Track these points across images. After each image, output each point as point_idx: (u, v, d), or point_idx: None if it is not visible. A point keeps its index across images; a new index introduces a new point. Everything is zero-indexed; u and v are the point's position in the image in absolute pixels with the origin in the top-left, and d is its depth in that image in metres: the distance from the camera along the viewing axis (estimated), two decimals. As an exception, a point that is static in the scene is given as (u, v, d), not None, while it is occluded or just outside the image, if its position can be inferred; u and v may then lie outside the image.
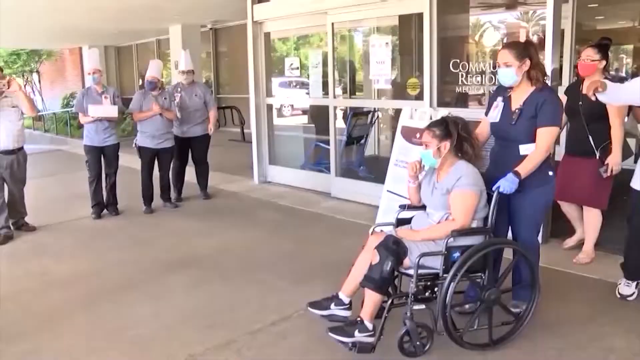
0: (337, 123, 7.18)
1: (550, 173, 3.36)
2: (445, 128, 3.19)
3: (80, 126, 6.55)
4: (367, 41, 8.23)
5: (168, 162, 6.77)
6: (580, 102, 4.22)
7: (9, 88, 5.44)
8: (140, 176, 6.67)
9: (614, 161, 4.18)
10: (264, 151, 8.10)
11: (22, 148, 5.80)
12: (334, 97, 7.11)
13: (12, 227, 5.84)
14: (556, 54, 4.88)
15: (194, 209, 6.80)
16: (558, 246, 4.87)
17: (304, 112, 10.01)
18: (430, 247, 3.09)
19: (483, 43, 5.81)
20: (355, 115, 7.81)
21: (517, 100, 3.32)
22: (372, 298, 3.05)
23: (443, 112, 4.97)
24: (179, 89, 6.94)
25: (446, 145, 3.18)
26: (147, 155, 6.59)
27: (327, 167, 7.27)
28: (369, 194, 6.39)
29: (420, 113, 5.63)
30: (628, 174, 3.85)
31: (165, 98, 6.59)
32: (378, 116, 8.31)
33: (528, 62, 3.24)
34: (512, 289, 3.52)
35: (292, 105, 9.87)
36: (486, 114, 3.55)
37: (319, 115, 8.15)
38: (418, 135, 4.77)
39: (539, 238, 3.63)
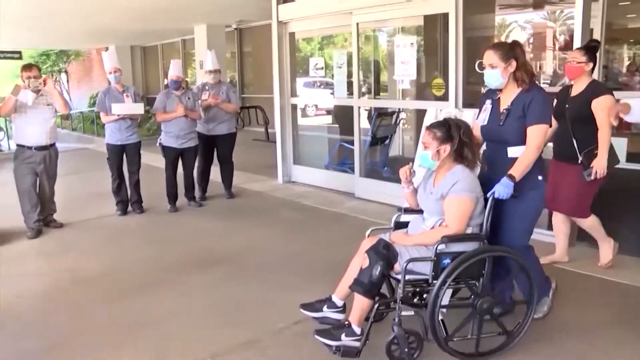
0: (362, 123, 7.18)
1: (540, 177, 3.26)
2: (448, 131, 3.10)
3: (104, 125, 6.65)
4: (391, 41, 8.22)
5: (192, 161, 6.83)
6: (567, 105, 4.15)
7: (44, 86, 5.62)
8: (165, 175, 6.75)
9: (599, 165, 4.02)
10: (288, 151, 8.13)
11: (54, 144, 5.97)
12: (359, 97, 7.11)
13: (41, 223, 5.97)
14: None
15: (218, 208, 6.85)
16: (583, 250, 4.81)
17: (328, 112, 10.02)
18: (421, 253, 3.03)
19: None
20: (379, 115, 7.80)
21: (505, 101, 3.27)
22: (360, 302, 3.02)
23: (467, 114, 4.93)
24: (206, 88, 7.01)
25: (446, 148, 3.10)
26: (172, 155, 6.66)
27: (351, 168, 7.27)
28: (392, 194, 6.37)
29: (445, 114, 5.60)
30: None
31: (188, 98, 6.65)
32: (402, 117, 8.29)
33: (514, 63, 3.18)
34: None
35: (316, 105, 9.89)
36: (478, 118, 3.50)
37: (343, 116, 8.16)
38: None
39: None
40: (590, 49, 4.17)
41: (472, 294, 3.09)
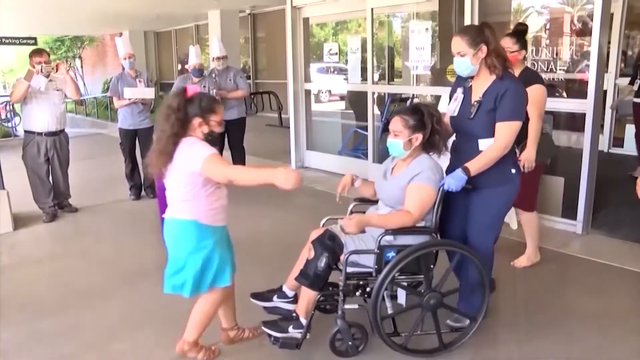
0: (375, 109, 7.15)
1: (513, 171, 3.08)
2: (420, 119, 2.96)
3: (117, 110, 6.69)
4: (406, 27, 8.16)
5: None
6: None
7: (56, 72, 5.63)
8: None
9: (526, 157, 3.85)
10: (301, 136, 8.14)
11: (63, 130, 6.00)
12: (373, 83, 7.08)
13: (56, 207, 6.02)
14: (604, 39, 4.76)
15: (230, 193, 6.85)
16: (599, 238, 4.78)
17: (342, 98, 9.99)
18: (368, 245, 2.97)
19: (526, 29, 5.69)
20: (393, 101, 7.76)
21: (478, 91, 3.05)
22: (306, 294, 2.99)
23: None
24: (213, 75, 7.00)
25: (418, 137, 2.96)
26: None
27: (365, 153, 7.25)
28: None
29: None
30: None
31: (204, 86, 6.66)
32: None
33: (484, 48, 2.96)
34: (458, 299, 3.30)
35: (329, 91, 9.85)
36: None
37: (357, 101, 8.12)
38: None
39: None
40: (520, 34, 3.99)
41: (419, 290, 3.03)
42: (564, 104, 5.11)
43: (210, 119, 2.79)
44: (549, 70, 5.22)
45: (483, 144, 3.01)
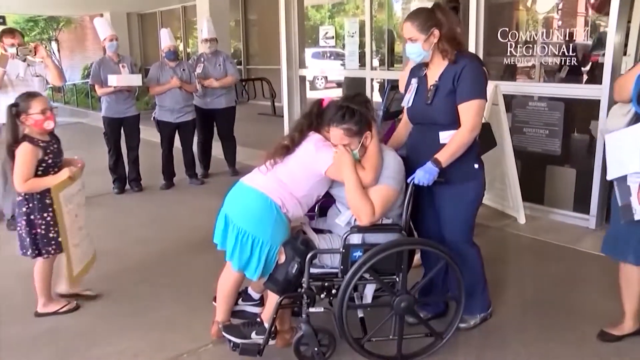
0: (374, 96, 7.13)
1: (476, 166, 3.07)
2: (361, 120, 2.87)
3: (100, 98, 6.62)
4: (407, 8, 8.13)
5: (190, 136, 6.85)
6: None
7: (35, 55, 5.28)
8: (161, 151, 6.80)
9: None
10: (295, 126, 8.09)
11: None
12: (371, 68, 7.05)
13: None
14: (622, 21, 4.73)
15: (221, 185, 6.82)
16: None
17: (339, 84, 9.96)
18: (336, 244, 2.95)
19: (535, 9, 5.65)
20: (393, 88, 7.71)
21: (433, 76, 3.03)
22: (273, 300, 2.96)
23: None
24: (202, 59, 6.96)
25: (368, 135, 2.89)
26: (167, 130, 6.70)
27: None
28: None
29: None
30: None
31: (183, 69, 6.63)
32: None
33: (436, 32, 2.91)
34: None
35: (325, 77, 9.83)
36: None
37: (355, 88, 8.09)
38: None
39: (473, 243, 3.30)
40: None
41: (388, 292, 3.00)
42: (577, 90, 5.09)
43: None
44: (560, 53, 5.20)
45: (444, 136, 2.98)
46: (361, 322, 3.10)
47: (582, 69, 5.69)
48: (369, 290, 3.06)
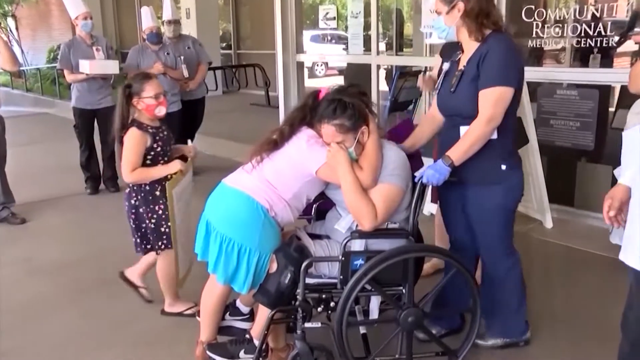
0: (381, 85, 7.10)
1: (504, 167, 2.98)
2: (354, 114, 2.86)
3: (70, 85, 6.56)
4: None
5: (175, 130, 6.77)
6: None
7: None
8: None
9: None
10: (292, 118, 8.07)
11: None
12: (377, 53, 7.04)
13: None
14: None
15: (210, 185, 6.81)
16: None
17: (340, 71, 9.94)
18: (334, 250, 2.95)
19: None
20: (402, 75, 7.70)
21: (463, 61, 2.98)
22: (264, 314, 2.95)
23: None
24: (166, 43, 6.88)
25: (364, 130, 2.88)
26: (147, 122, 6.64)
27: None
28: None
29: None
30: None
31: (167, 53, 6.61)
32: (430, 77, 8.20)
33: (461, 5, 2.86)
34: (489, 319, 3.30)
35: (326, 64, 9.82)
36: None
37: (357, 75, 8.07)
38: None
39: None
40: None
41: (393, 305, 2.97)
42: (614, 76, 5.06)
43: None
44: (596, 33, 5.14)
45: (464, 131, 2.92)
46: (363, 340, 3.09)
47: (620, 51, 5.64)
48: (374, 303, 3.05)
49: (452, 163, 2.84)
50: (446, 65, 3.09)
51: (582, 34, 5.19)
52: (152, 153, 3.59)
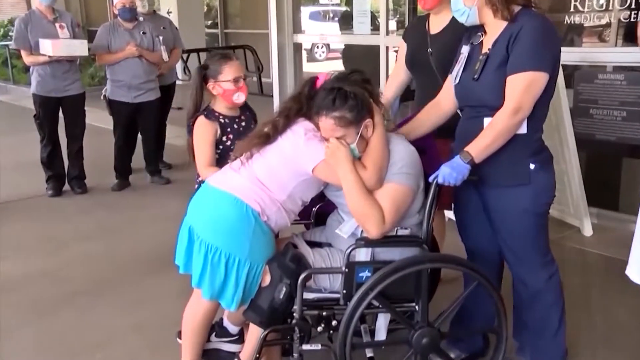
0: (390, 71, 7.10)
1: (532, 166, 2.93)
2: (356, 105, 2.83)
3: (27, 68, 6.53)
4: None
5: (153, 122, 6.88)
6: (430, 50, 3.84)
7: None
8: (114, 140, 6.79)
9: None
10: (288, 108, 8.09)
11: None
12: (387, 33, 7.04)
13: None
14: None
15: (191, 184, 6.80)
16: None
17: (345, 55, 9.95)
18: (337, 260, 2.95)
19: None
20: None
21: (487, 44, 2.94)
22: (256, 335, 2.95)
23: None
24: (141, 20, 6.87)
25: (368, 124, 2.86)
26: (122, 113, 6.69)
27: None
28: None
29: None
30: None
31: (144, 33, 6.60)
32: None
33: None
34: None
35: (327, 45, 9.83)
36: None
37: (363, 59, 8.09)
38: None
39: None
40: None
41: (405, 325, 2.96)
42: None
43: None
44: (625, 5, 5.15)
45: (488, 122, 2.89)
46: None
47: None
48: (382, 322, 3.03)
49: (472, 160, 2.80)
50: (465, 49, 3.06)
51: (633, 6, 5.16)
52: (221, 147, 3.56)
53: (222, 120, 3.57)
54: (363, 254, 2.86)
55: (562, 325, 3.22)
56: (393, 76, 4.31)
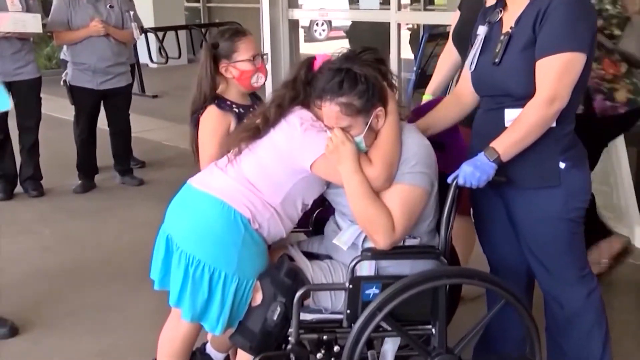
0: (403, 52, 7.11)
1: (563, 165, 2.90)
2: (367, 90, 2.80)
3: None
4: None
5: (123, 111, 6.91)
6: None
7: None
8: (74, 134, 6.82)
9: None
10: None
11: None
12: (399, 8, 7.04)
13: None
14: None
15: (169, 186, 6.82)
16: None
17: (349, 33, 9.98)
18: (339, 275, 2.96)
19: None
20: (432, 38, 7.74)
21: (509, 22, 2.93)
22: None
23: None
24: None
25: (379, 113, 2.85)
26: (86, 101, 6.69)
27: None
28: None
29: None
30: None
31: (111, 6, 6.57)
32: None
33: None
34: None
35: (329, 22, 9.85)
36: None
37: (370, 38, 8.10)
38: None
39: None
40: None
41: (419, 351, 2.94)
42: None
43: None
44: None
45: (512, 116, 2.86)
46: None
47: None
48: (390, 347, 3.01)
49: (499, 158, 2.77)
50: (482, 29, 3.03)
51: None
52: None
53: (237, 110, 3.44)
54: (366, 268, 2.84)
55: (606, 353, 3.17)
56: (445, 54, 4.33)
